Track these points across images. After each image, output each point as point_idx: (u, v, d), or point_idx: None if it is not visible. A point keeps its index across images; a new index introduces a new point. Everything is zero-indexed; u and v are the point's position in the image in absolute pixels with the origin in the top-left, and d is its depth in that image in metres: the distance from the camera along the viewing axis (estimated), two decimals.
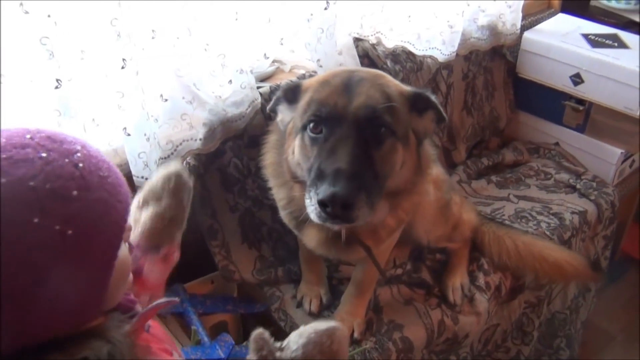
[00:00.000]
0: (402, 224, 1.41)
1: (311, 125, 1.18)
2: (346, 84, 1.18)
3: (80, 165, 0.73)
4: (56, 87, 1.20)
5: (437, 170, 1.65)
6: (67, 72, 1.22)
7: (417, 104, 1.26)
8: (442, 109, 1.27)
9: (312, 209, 1.13)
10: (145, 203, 1.04)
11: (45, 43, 1.15)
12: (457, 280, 1.72)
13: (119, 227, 0.77)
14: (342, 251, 1.38)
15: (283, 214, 1.44)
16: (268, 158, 1.43)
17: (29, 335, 0.71)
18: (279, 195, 1.41)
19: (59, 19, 1.16)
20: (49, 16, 1.14)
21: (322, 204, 1.08)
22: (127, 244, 0.86)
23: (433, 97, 1.27)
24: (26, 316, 0.69)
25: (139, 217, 1.03)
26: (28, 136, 0.72)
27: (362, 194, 1.09)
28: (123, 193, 0.79)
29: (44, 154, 0.71)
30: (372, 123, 1.16)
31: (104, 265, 0.76)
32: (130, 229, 0.85)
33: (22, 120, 1.26)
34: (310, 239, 1.39)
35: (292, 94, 1.29)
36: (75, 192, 0.71)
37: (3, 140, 0.71)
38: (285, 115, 1.33)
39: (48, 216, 0.68)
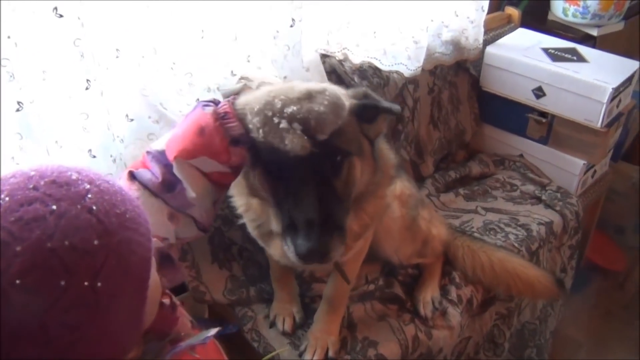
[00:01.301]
0: (367, 229, 1.38)
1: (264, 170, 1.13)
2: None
3: (94, 208, 0.69)
4: (17, 110, 1.16)
5: (401, 185, 1.66)
6: (29, 94, 1.18)
7: (366, 113, 1.18)
8: (390, 107, 1.20)
9: (290, 254, 1.12)
10: (305, 123, 1.02)
11: (5, 65, 1.11)
12: (428, 294, 1.73)
13: (147, 261, 0.75)
14: None
15: (247, 222, 1.41)
16: None
17: None
18: (238, 202, 1.38)
19: (20, 40, 1.13)
20: (8, 37, 1.11)
21: (300, 257, 1.09)
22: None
23: (380, 103, 1.19)
24: None
25: None
26: (31, 186, 0.68)
27: (335, 236, 1.09)
28: (143, 223, 0.76)
29: (54, 207, 0.66)
30: (328, 153, 1.09)
31: (138, 302, 0.74)
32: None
33: None
34: (275, 249, 1.36)
35: None
36: (96, 242, 0.67)
37: (6, 198, 0.66)
38: None
39: (74, 275, 0.65)
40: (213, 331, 0.93)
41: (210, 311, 1.78)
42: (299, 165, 1.06)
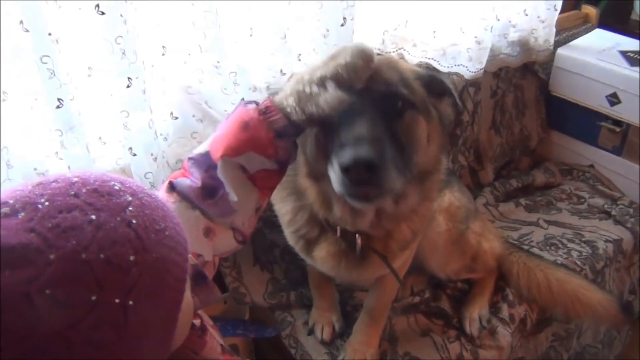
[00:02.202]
0: (416, 236, 1.31)
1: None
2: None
3: (134, 222, 0.66)
4: (57, 107, 1.17)
5: (450, 197, 1.58)
6: (70, 92, 1.19)
7: (433, 86, 1.16)
8: (456, 94, 1.18)
9: (335, 180, 1.03)
10: (337, 79, 0.99)
11: (46, 62, 1.12)
12: (476, 311, 1.63)
13: (181, 282, 0.71)
14: (355, 267, 1.29)
15: (288, 234, 1.36)
16: None
17: None
18: (282, 209, 1.33)
19: (60, 37, 1.13)
20: (49, 34, 1.11)
21: (346, 170, 0.98)
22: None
23: (447, 82, 1.18)
24: None
25: None
26: (72, 193, 0.66)
27: (388, 158, 0.99)
28: (182, 241, 0.73)
29: (93, 216, 0.64)
30: (388, 97, 1.07)
31: (169, 324, 0.71)
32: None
33: (26, 138, 1.24)
34: (321, 256, 1.29)
35: None
36: (132, 257, 0.64)
37: (46, 203, 0.64)
38: None
39: (106, 291, 0.62)
40: None
41: (251, 313, 1.76)
42: (356, 101, 1.01)
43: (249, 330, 1.69)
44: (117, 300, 0.62)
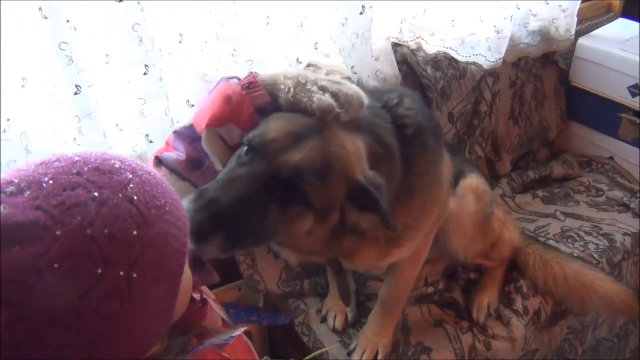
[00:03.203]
0: (413, 231, 1.27)
1: (244, 148, 1.03)
2: (300, 134, 1.00)
3: (135, 198, 0.69)
4: (75, 93, 1.19)
5: (477, 179, 1.57)
6: (87, 78, 1.20)
7: (360, 199, 1.04)
8: (389, 218, 1.04)
9: None
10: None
11: (64, 48, 1.13)
12: (485, 299, 1.63)
13: (182, 255, 0.74)
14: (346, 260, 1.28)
15: None
16: None
17: None
18: None
19: (78, 24, 1.14)
20: (67, 21, 1.12)
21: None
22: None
23: (382, 202, 1.03)
24: (91, 355, 0.66)
25: None
26: (75, 171, 0.68)
27: (224, 235, 0.95)
28: (181, 217, 0.75)
29: (96, 193, 0.66)
30: (290, 184, 0.99)
31: (170, 295, 0.73)
32: None
33: (44, 124, 1.25)
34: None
35: None
36: (135, 232, 0.67)
37: (50, 181, 0.66)
38: None
39: (111, 264, 0.64)
40: (238, 331, 0.90)
41: (265, 300, 1.78)
42: (267, 168, 0.98)
43: (262, 318, 1.70)
44: (121, 273, 0.65)
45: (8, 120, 1.13)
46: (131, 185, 0.69)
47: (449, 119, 1.93)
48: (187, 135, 1.04)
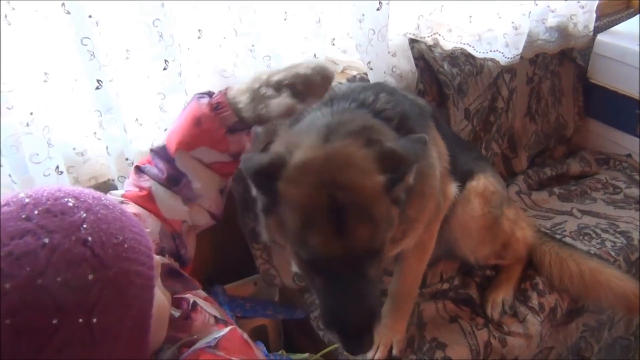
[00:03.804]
0: (411, 231, 1.30)
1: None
2: (335, 224, 1.01)
3: (90, 239, 0.66)
4: (97, 88, 1.20)
5: (485, 181, 1.56)
6: (108, 73, 1.21)
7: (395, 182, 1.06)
8: (416, 153, 1.09)
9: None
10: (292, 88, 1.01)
11: (87, 44, 1.15)
12: (500, 296, 1.63)
13: (148, 289, 0.72)
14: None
15: None
16: None
17: None
18: None
19: (100, 19, 1.16)
20: (90, 17, 1.14)
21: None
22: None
23: (409, 159, 1.06)
24: None
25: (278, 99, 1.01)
26: (24, 216, 0.65)
27: (376, 326, 1.06)
28: (144, 251, 0.73)
29: (46, 240, 0.63)
30: (366, 256, 1.05)
31: (140, 331, 0.71)
32: (158, 266, 0.78)
33: (66, 118, 1.27)
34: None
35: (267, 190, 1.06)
36: (90, 276, 0.64)
37: None
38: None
39: (67, 312, 0.62)
40: (224, 331, 0.90)
41: (281, 294, 1.79)
42: (345, 270, 1.03)
43: (278, 312, 1.71)
44: (80, 320, 0.62)
45: (31, 114, 1.15)
46: (84, 226, 0.67)
47: (465, 116, 1.92)
48: (162, 155, 1.05)
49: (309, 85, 1.01)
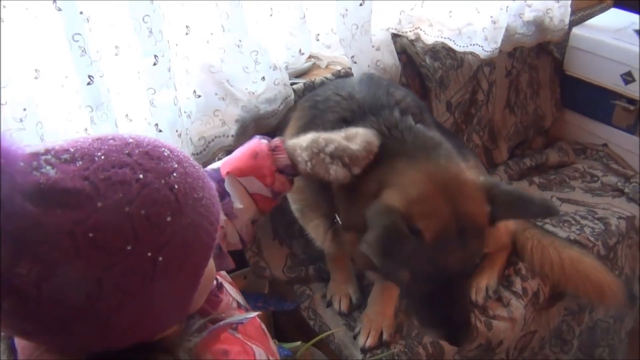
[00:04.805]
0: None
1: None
2: (461, 239, 1.17)
3: (176, 187, 0.71)
4: (88, 84, 1.22)
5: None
6: (99, 69, 1.23)
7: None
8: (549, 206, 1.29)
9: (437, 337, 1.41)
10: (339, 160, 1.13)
11: (78, 40, 1.17)
12: (484, 282, 1.68)
13: (208, 248, 0.77)
14: None
15: (290, 200, 1.50)
16: None
17: (101, 345, 0.71)
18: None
19: (91, 15, 1.18)
20: (81, 13, 1.16)
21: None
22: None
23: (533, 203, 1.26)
24: (106, 331, 0.69)
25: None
26: (126, 152, 0.71)
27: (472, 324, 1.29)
28: (215, 213, 0.78)
29: (141, 175, 0.69)
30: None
31: (191, 285, 0.76)
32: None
33: (58, 114, 1.29)
34: (314, 231, 1.48)
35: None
36: (169, 218, 0.69)
37: (102, 157, 0.69)
38: None
39: (141, 244, 0.67)
40: (252, 314, 0.94)
41: (270, 287, 1.82)
42: (459, 274, 1.22)
43: (268, 304, 1.74)
44: (149, 254, 0.67)
45: (24, 110, 1.16)
46: (174, 174, 0.72)
47: (447, 108, 1.97)
48: (214, 175, 1.13)
49: (355, 159, 1.15)
